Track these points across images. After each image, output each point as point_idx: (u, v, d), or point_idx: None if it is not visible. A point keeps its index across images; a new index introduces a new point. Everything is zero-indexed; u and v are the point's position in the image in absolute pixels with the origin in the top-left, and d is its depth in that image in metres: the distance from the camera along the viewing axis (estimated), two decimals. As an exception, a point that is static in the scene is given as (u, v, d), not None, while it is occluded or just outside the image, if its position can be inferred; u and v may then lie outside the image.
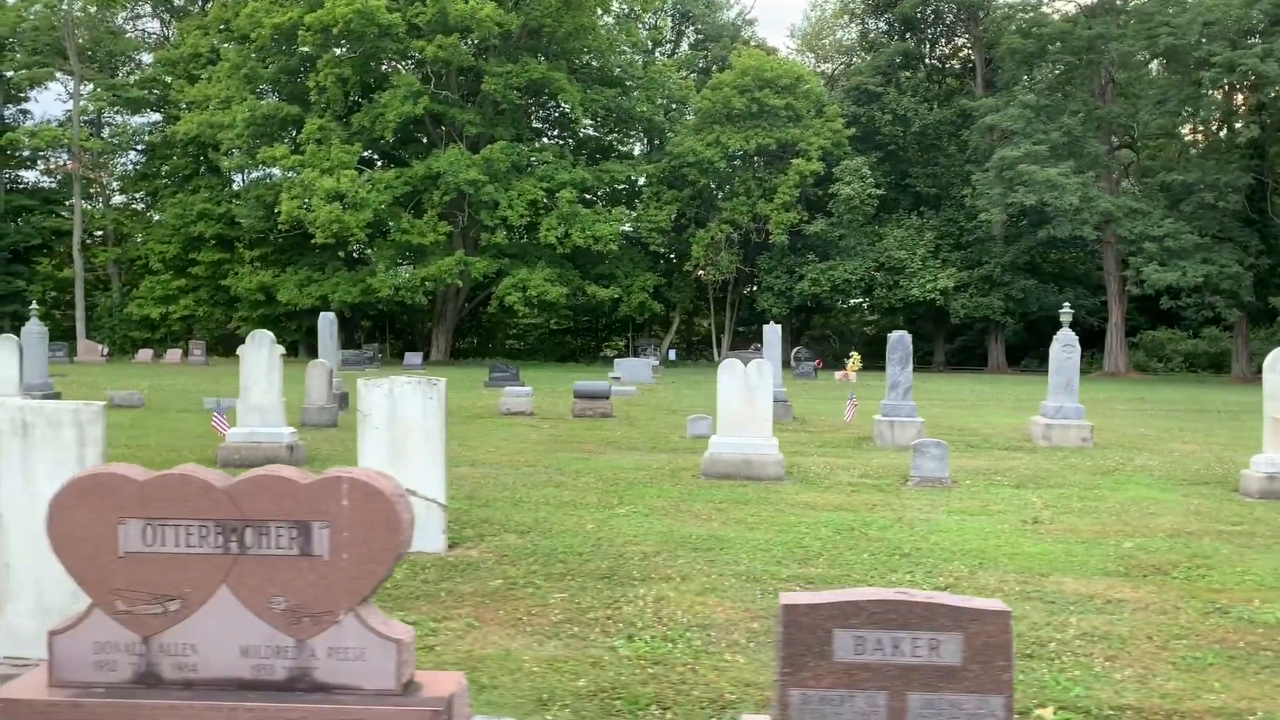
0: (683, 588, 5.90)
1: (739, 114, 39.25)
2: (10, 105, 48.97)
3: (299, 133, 40.84)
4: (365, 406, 7.03)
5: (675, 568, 6.39)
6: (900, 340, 13.68)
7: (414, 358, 36.47)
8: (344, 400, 17.87)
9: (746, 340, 50.27)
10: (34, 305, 19.64)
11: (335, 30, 37.49)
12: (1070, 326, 14.45)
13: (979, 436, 15.00)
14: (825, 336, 55.05)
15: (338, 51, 39.09)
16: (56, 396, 17.62)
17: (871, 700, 3.05)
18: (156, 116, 50.12)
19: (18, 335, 16.89)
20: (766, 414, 10.18)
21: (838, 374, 31.77)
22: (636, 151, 50.22)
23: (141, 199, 50.67)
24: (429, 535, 7.12)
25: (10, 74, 46.67)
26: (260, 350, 10.67)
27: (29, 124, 46.39)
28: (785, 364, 32.17)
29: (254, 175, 46.66)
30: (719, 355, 47.26)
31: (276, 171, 46.23)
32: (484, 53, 39.67)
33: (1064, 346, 14.16)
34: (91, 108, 45.06)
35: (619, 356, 51.70)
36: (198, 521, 3.60)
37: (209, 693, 3.38)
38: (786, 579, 6.14)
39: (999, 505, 8.92)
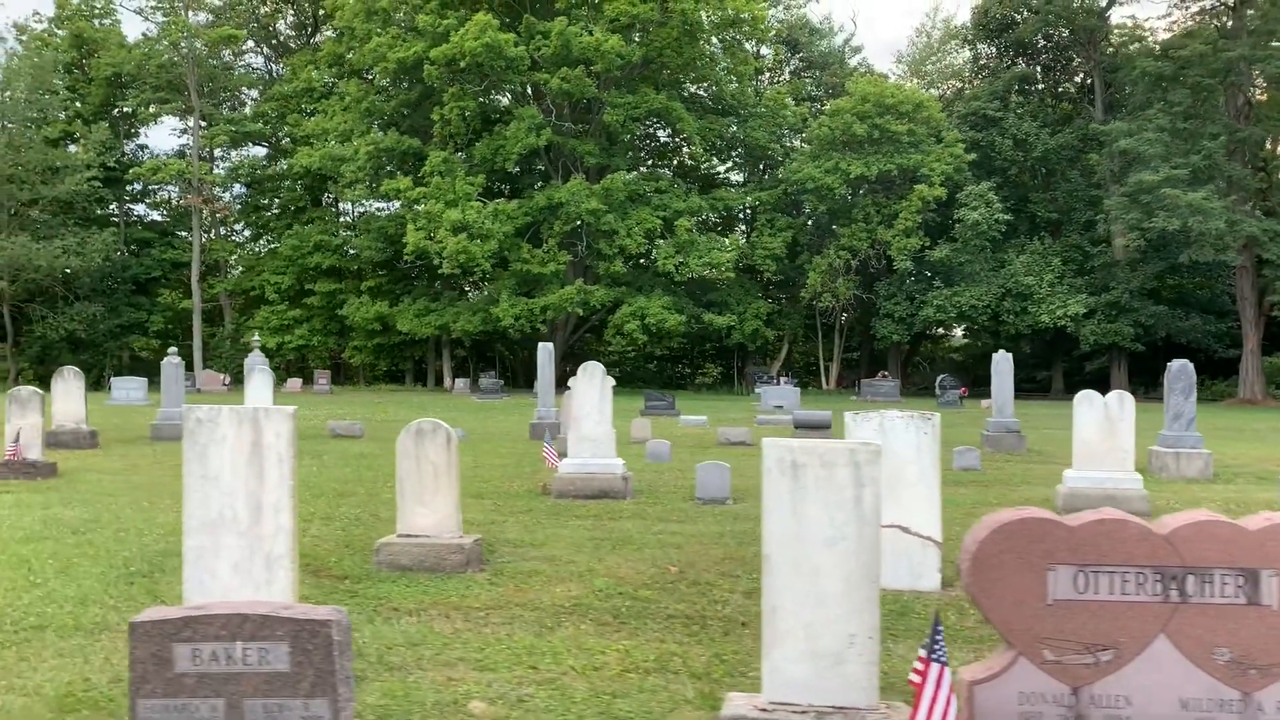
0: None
1: (860, 140, 39.09)
2: (128, 140, 50.32)
3: (419, 165, 41.40)
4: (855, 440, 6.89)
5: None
6: (1183, 370, 13.32)
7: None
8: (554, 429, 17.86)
9: (855, 366, 49.90)
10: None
11: (463, 64, 38.01)
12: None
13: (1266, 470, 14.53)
14: (918, 364, 54.43)
15: (463, 86, 39.54)
16: None
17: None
18: (260, 150, 51.22)
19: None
20: (1128, 446, 9.90)
21: (984, 402, 31.24)
22: (735, 179, 50.25)
23: (251, 232, 51.63)
24: (926, 575, 6.96)
25: (135, 110, 47.95)
26: (592, 382, 10.62)
27: (149, 159, 47.52)
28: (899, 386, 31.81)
29: (371, 207, 47.46)
30: (827, 382, 46.95)
31: (382, 203, 47.06)
32: (604, 84, 39.95)
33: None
34: (213, 142, 46.05)
35: (712, 383, 51.65)
36: (1134, 568, 3.48)
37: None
38: None
39: None
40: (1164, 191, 32.98)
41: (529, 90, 42.07)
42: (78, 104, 47.10)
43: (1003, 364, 16.61)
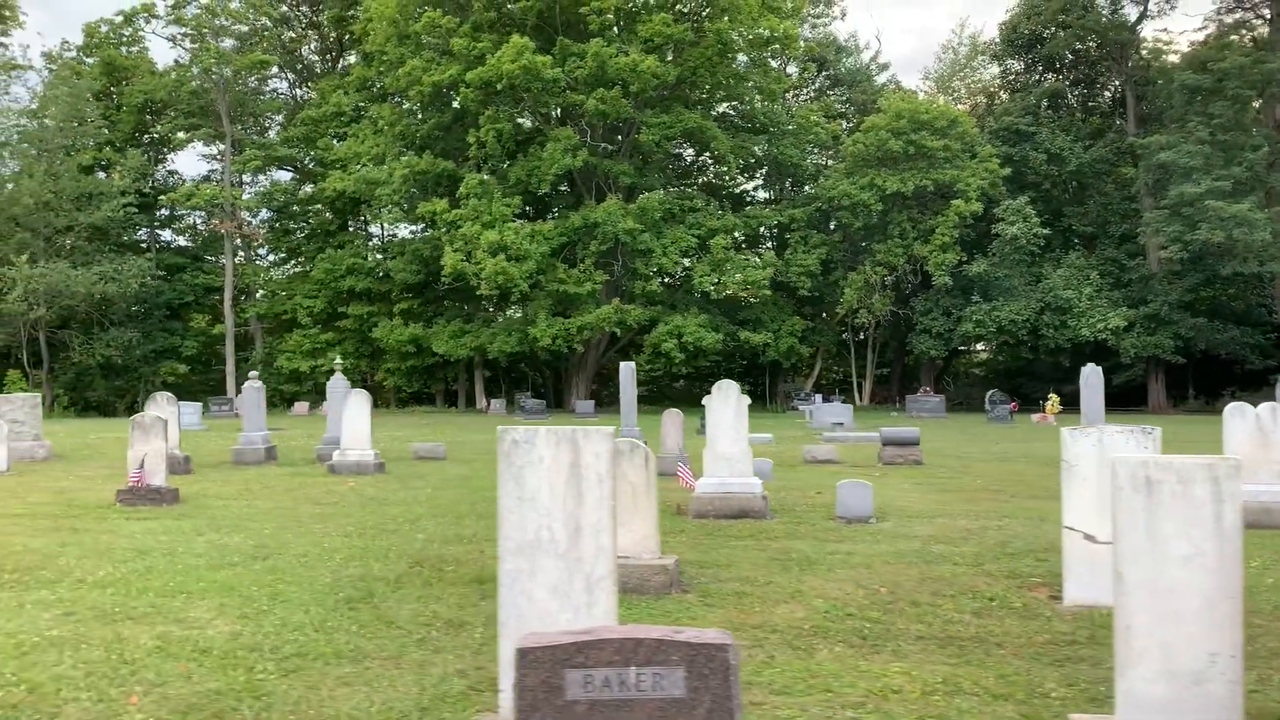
0: None
1: (895, 156, 39.16)
2: (158, 166, 50.52)
3: (453, 187, 41.49)
4: (1071, 456, 6.82)
5: None
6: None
7: (585, 405, 36.47)
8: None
9: (886, 382, 49.78)
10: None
11: (499, 86, 38.15)
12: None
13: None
14: (944, 380, 54.27)
15: (499, 108, 39.70)
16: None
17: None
18: (285, 174, 51.33)
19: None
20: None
21: (1035, 417, 31.17)
22: (759, 196, 50.37)
23: (279, 256, 51.73)
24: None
25: (165, 135, 48.19)
26: (727, 400, 10.56)
27: (182, 185, 47.64)
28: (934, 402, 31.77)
29: (402, 231, 47.61)
30: (860, 398, 46.80)
31: (413, 226, 47.15)
32: (638, 105, 40.07)
33: None
34: (246, 166, 46.21)
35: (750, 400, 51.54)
36: None
37: None
38: None
39: None
40: (1207, 204, 32.97)
41: (559, 111, 42.21)
42: (105, 130, 47.31)
43: (1092, 377, 16.54)
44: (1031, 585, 7.18)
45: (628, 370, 18.19)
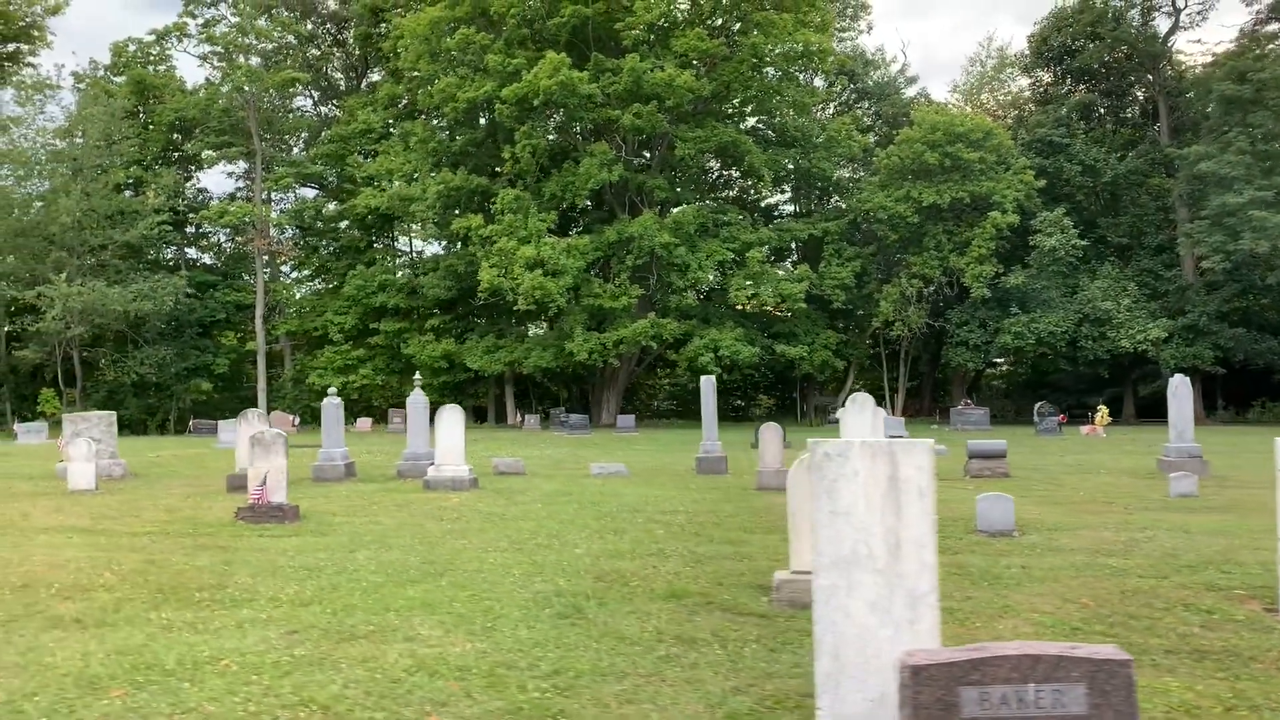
0: None
1: (931, 168, 39.18)
2: (188, 183, 50.63)
3: (486, 202, 41.55)
4: (1289, 468, 6.74)
5: None
6: None
7: (626, 420, 36.38)
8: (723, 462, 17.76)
9: (917, 395, 49.71)
10: (418, 380, 19.66)
11: (536, 102, 38.24)
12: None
13: None
14: (969, 393, 54.17)
15: (534, 124, 39.79)
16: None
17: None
18: (309, 192, 51.38)
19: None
20: None
21: (1084, 429, 31.04)
22: (786, 209, 50.38)
23: (308, 273, 51.78)
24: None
25: (195, 154, 48.34)
26: (862, 414, 10.56)
27: (214, 203, 47.73)
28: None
29: (431, 246, 47.65)
30: (893, 411, 46.65)
31: (442, 242, 47.14)
32: (674, 120, 40.15)
33: None
34: (278, 184, 46.31)
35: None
36: None
37: None
38: None
39: None
40: (1251, 213, 32.95)
41: (592, 126, 42.29)
42: (134, 149, 47.44)
43: (1182, 388, 16.44)
44: (1241, 598, 7.09)
45: (708, 383, 18.10)
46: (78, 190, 40.36)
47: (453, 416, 15.10)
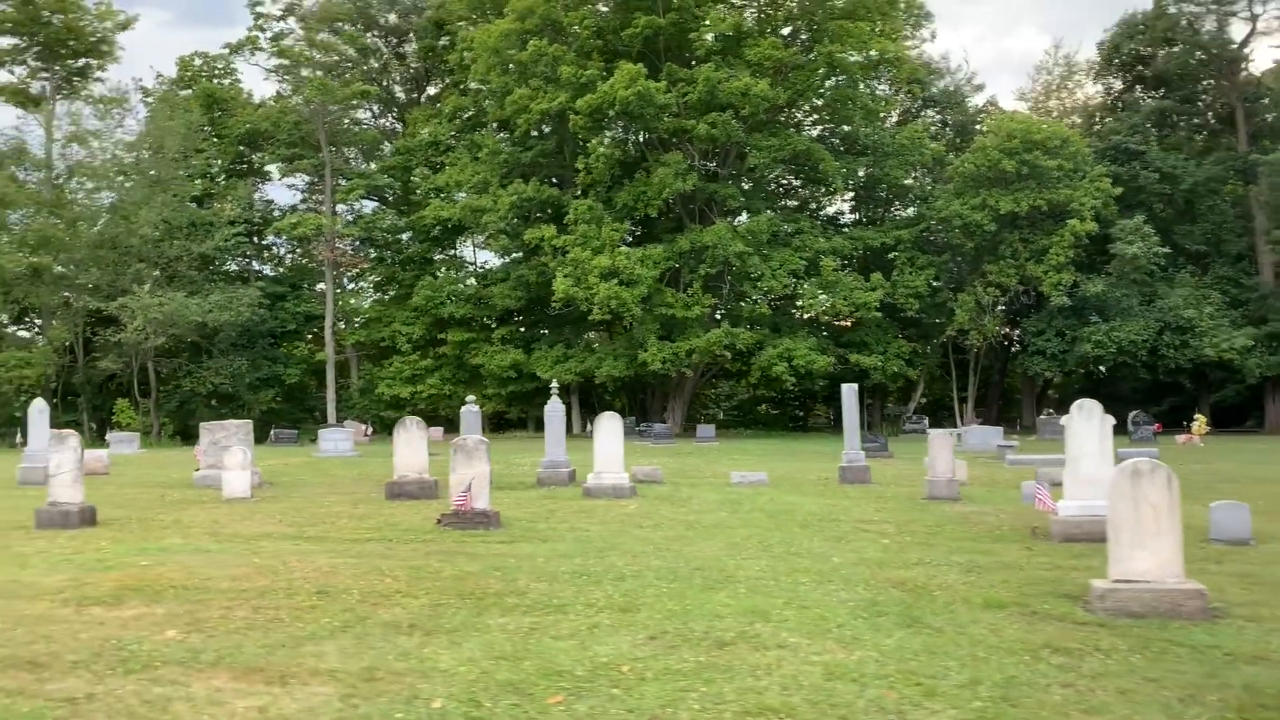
0: None
1: (1008, 176, 38.89)
2: (256, 195, 51.10)
3: (558, 213, 41.63)
4: None
5: None
6: None
7: (706, 430, 36.28)
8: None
9: (986, 403, 49.22)
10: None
11: (611, 112, 38.33)
12: None
13: None
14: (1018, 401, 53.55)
15: (609, 133, 39.90)
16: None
17: None
18: (371, 203, 51.66)
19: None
20: None
21: (1180, 438, 30.65)
22: (850, 217, 50.15)
23: (374, 283, 52.10)
24: None
25: (264, 166, 48.84)
26: (1091, 422, 10.36)
27: (287, 215, 48.08)
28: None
29: (496, 257, 47.75)
30: (961, 421, 46.28)
31: (506, 254, 47.24)
32: (747, 129, 40.13)
33: None
34: (349, 196, 46.67)
35: (830, 424, 51.09)
36: None
37: None
38: None
39: None
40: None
41: (665, 136, 42.33)
42: (205, 161, 47.96)
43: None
44: None
45: (850, 392, 17.97)
46: (158, 202, 40.81)
47: (611, 425, 15.06)
